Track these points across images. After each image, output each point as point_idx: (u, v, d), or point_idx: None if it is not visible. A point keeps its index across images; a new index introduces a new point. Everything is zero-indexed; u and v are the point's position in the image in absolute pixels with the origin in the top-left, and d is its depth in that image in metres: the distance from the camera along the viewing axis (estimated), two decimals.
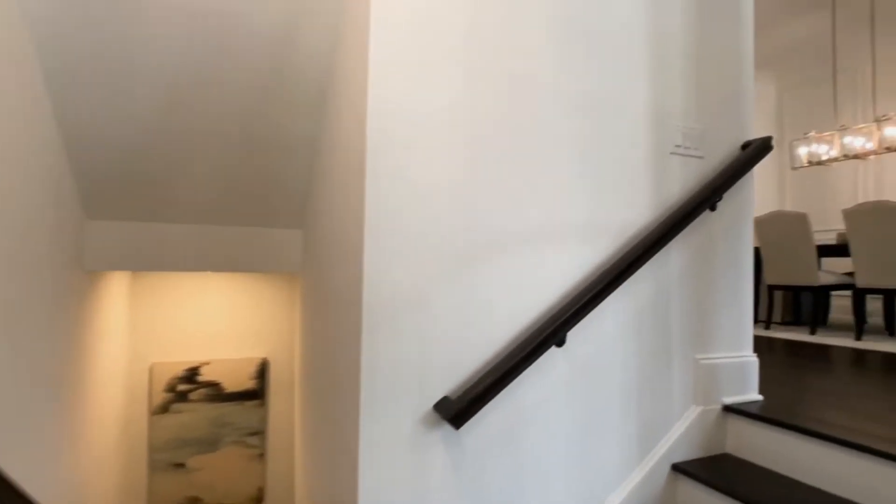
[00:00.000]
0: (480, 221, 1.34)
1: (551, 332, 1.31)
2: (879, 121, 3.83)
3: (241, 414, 3.45)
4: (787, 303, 4.67)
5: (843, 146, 4.06)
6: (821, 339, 3.56)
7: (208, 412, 3.36)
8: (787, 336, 3.70)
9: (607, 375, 1.49)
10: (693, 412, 1.61)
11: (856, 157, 3.98)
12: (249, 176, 2.20)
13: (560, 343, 1.35)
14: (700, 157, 1.67)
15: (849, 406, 1.69)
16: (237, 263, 2.41)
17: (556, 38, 1.45)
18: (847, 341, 3.40)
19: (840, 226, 5.03)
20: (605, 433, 1.48)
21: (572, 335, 1.42)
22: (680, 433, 1.57)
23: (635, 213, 1.55)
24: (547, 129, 1.43)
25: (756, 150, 1.64)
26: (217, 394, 3.39)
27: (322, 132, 2.00)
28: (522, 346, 1.29)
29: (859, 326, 3.49)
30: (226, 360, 3.41)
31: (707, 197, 1.56)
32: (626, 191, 1.54)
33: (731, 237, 1.72)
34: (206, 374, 3.37)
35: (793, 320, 4.60)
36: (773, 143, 1.72)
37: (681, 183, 1.63)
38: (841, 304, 4.99)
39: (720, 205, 1.67)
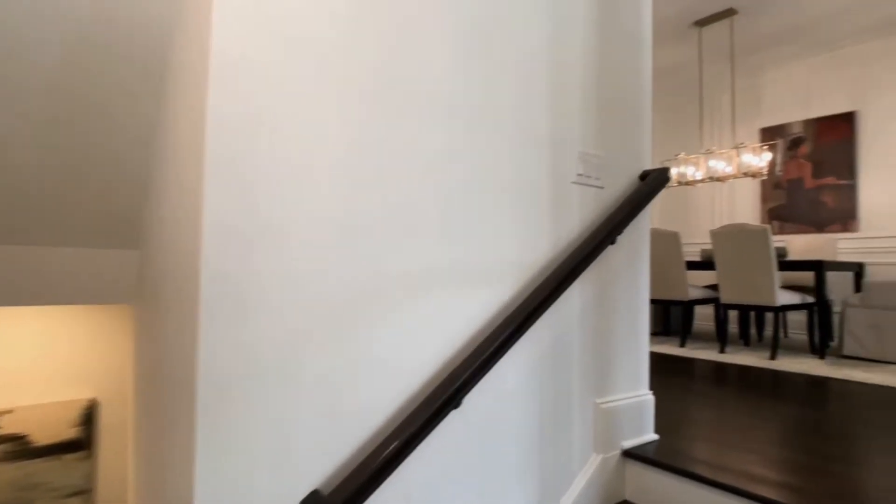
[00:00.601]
0: (364, 261, 1.12)
1: (448, 396, 1.13)
2: (738, 147, 4.26)
3: (58, 471, 2.82)
4: (658, 314, 5.05)
5: (708, 169, 4.47)
6: (690, 351, 3.85)
7: (9, 474, 2.70)
8: (660, 349, 3.95)
9: (506, 434, 1.35)
10: (594, 462, 1.54)
11: (718, 179, 4.41)
12: (62, 177, 1.75)
13: (457, 405, 1.18)
14: (601, 188, 1.61)
15: (736, 442, 1.74)
16: (48, 295, 1.91)
17: (450, 50, 1.28)
18: (712, 354, 3.72)
19: (698, 241, 5.58)
20: (505, 501, 1.34)
21: (471, 394, 1.26)
22: (581, 487, 1.49)
23: (538, 249, 1.44)
24: (443, 149, 1.26)
25: (656, 182, 1.63)
26: (23, 449, 2.74)
27: (161, 117, 1.63)
28: (414, 417, 1.10)
29: (722, 340, 3.84)
30: (37, 406, 2.77)
31: (610, 231, 1.49)
32: (529, 224, 1.42)
33: (630, 270, 1.69)
34: (6, 426, 2.70)
35: (662, 331, 4.98)
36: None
37: (583, 215, 1.56)
38: (701, 312, 5.53)
39: (619, 237, 1.63)
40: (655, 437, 1.71)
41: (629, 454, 1.59)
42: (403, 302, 1.17)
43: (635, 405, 1.66)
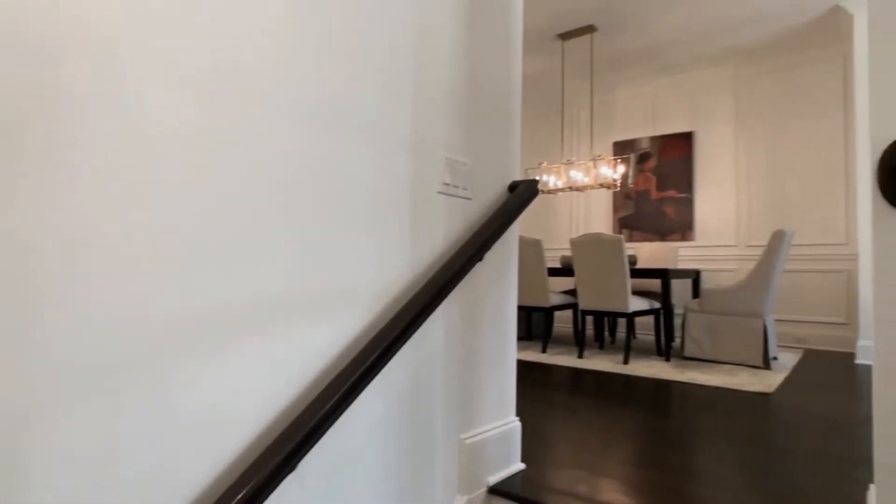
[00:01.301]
0: (164, 292, 0.85)
1: (281, 461, 0.91)
2: (595, 159, 4.54)
3: None
4: (520, 320, 5.22)
5: (569, 178, 4.70)
6: (551, 357, 3.99)
7: None
8: (524, 356, 4.04)
9: (356, 497, 1.16)
10: None
11: (577, 189, 4.65)
12: None
13: (293, 469, 0.96)
14: (468, 199, 1.49)
15: (598, 464, 1.73)
16: None
17: (287, 27, 1.06)
18: (572, 359, 3.88)
19: (557, 247, 5.90)
20: None
21: (312, 452, 1.05)
22: None
23: (399, 269, 1.27)
24: (273, 151, 1.03)
25: (526, 194, 1.55)
26: None
27: None
28: (235, 491, 0.86)
29: (581, 345, 4.03)
30: None
31: (479, 248, 1.38)
32: (389, 240, 1.25)
33: (498, 287, 1.59)
34: None
35: (525, 336, 5.15)
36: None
37: (449, 229, 1.43)
38: (560, 315, 5.85)
39: (487, 253, 1.53)
40: (522, 466, 1.64)
41: (495, 491, 1.49)
42: (225, 342, 0.92)
43: (502, 435, 1.56)
